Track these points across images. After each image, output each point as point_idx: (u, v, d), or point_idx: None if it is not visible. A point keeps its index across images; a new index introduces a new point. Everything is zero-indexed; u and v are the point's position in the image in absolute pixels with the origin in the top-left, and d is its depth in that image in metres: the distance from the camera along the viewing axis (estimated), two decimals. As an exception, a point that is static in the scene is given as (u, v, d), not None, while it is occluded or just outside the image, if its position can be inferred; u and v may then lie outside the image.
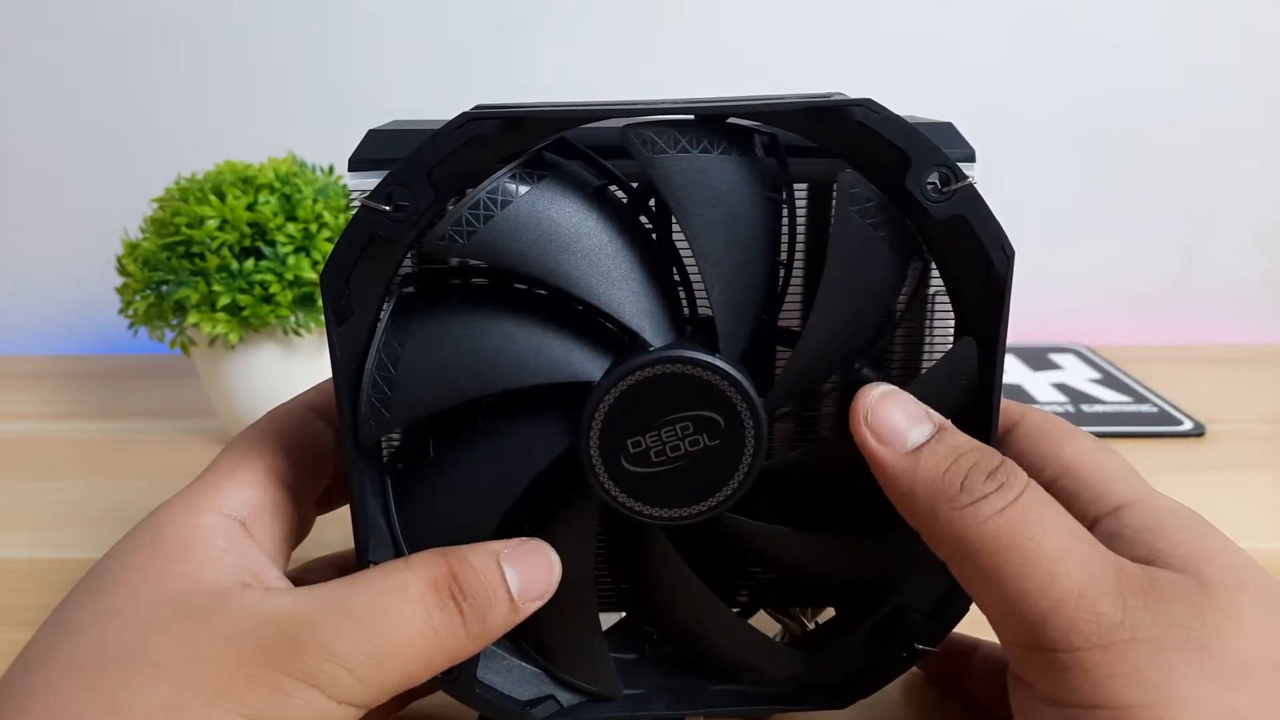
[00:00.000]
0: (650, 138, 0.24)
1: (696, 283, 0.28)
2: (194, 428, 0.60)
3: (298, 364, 0.53)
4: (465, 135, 0.23)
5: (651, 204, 0.27)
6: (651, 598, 0.29)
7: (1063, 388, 0.66)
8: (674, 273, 0.27)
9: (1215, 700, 0.21)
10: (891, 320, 0.29)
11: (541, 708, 0.29)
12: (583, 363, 0.25)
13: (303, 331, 0.51)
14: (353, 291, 0.24)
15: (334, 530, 0.32)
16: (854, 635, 0.30)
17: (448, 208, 0.25)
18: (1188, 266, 0.77)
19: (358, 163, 0.26)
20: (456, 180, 0.24)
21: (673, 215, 0.25)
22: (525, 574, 0.25)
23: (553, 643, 0.29)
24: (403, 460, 0.28)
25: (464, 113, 0.23)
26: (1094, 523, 0.26)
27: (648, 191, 0.27)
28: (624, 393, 0.24)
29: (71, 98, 0.71)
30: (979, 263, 0.25)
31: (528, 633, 0.28)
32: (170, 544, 0.25)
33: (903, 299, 0.28)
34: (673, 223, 0.27)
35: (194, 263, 0.50)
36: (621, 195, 0.27)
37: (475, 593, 0.24)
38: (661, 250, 0.27)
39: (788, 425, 0.30)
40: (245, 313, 0.50)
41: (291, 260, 0.50)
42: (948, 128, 0.27)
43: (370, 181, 0.24)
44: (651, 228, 0.27)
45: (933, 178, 0.24)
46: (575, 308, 0.26)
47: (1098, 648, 0.22)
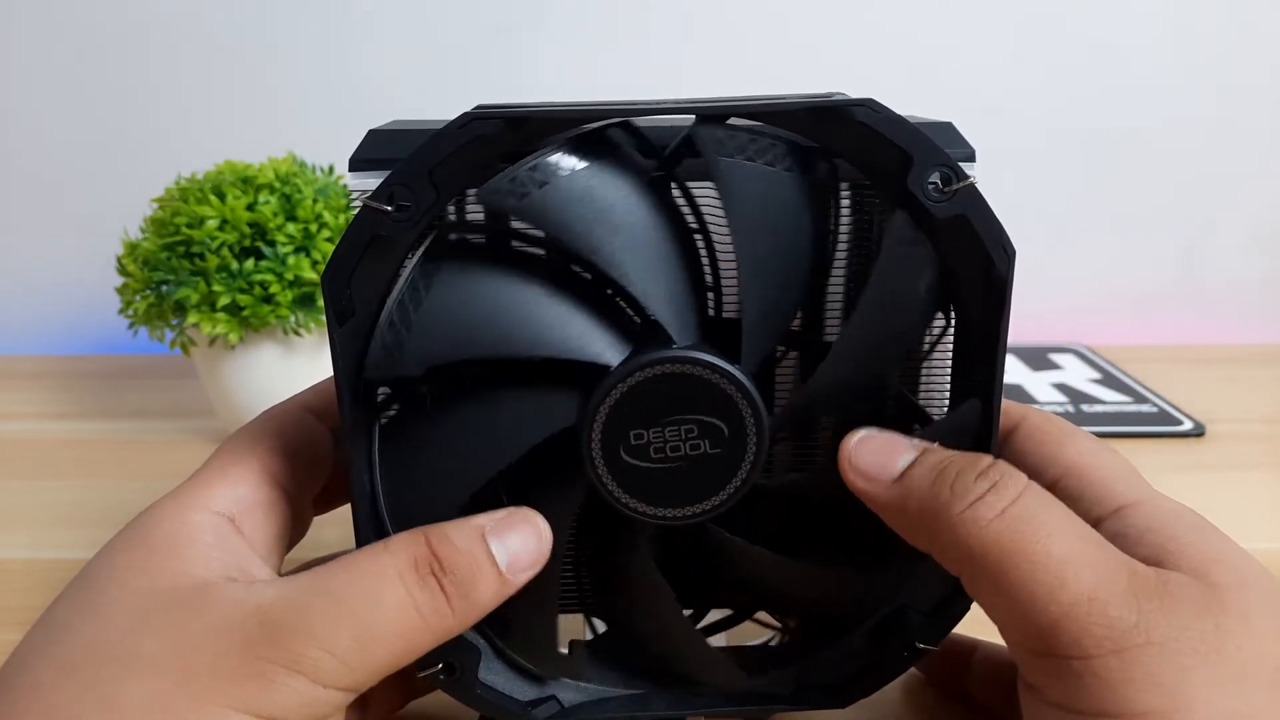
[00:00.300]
0: (721, 139, 0.24)
1: (727, 287, 0.28)
2: (194, 428, 0.60)
3: (298, 364, 0.53)
4: (467, 135, 0.23)
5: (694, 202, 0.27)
6: (616, 595, 0.29)
7: (1063, 388, 0.66)
8: (707, 274, 0.27)
9: (1228, 703, 0.21)
10: (904, 361, 0.29)
11: (543, 708, 0.29)
12: (602, 347, 0.25)
13: (303, 331, 0.51)
14: (354, 292, 0.24)
15: (333, 530, 0.32)
16: (854, 635, 0.30)
17: (449, 206, 0.25)
18: (1188, 266, 0.77)
19: (358, 163, 0.26)
20: (458, 180, 0.24)
21: (726, 220, 0.25)
22: (514, 545, 0.25)
23: (509, 617, 0.28)
24: (397, 412, 0.27)
25: (466, 113, 0.23)
26: (1097, 523, 0.26)
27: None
28: (637, 384, 0.24)
29: (71, 98, 0.71)
30: (980, 262, 0.25)
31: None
32: (157, 541, 0.25)
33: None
34: (704, 222, 0.27)
35: (194, 263, 0.50)
36: (675, 190, 0.27)
37: (457, 569, 0.24)
38: (699, 250, 0.27)
39: (784, 448, 0.30)
40: (245, 313, 0.50)
41: (291, 260, 0.50)
42: (948, 128, 0.27)
43: (371, 181, 0.24)
44: (696, 226, 0.27)
45: (934, 177, 0.24)
46: (605, 291, 0.26)
47: (1111, 653, 0.21)
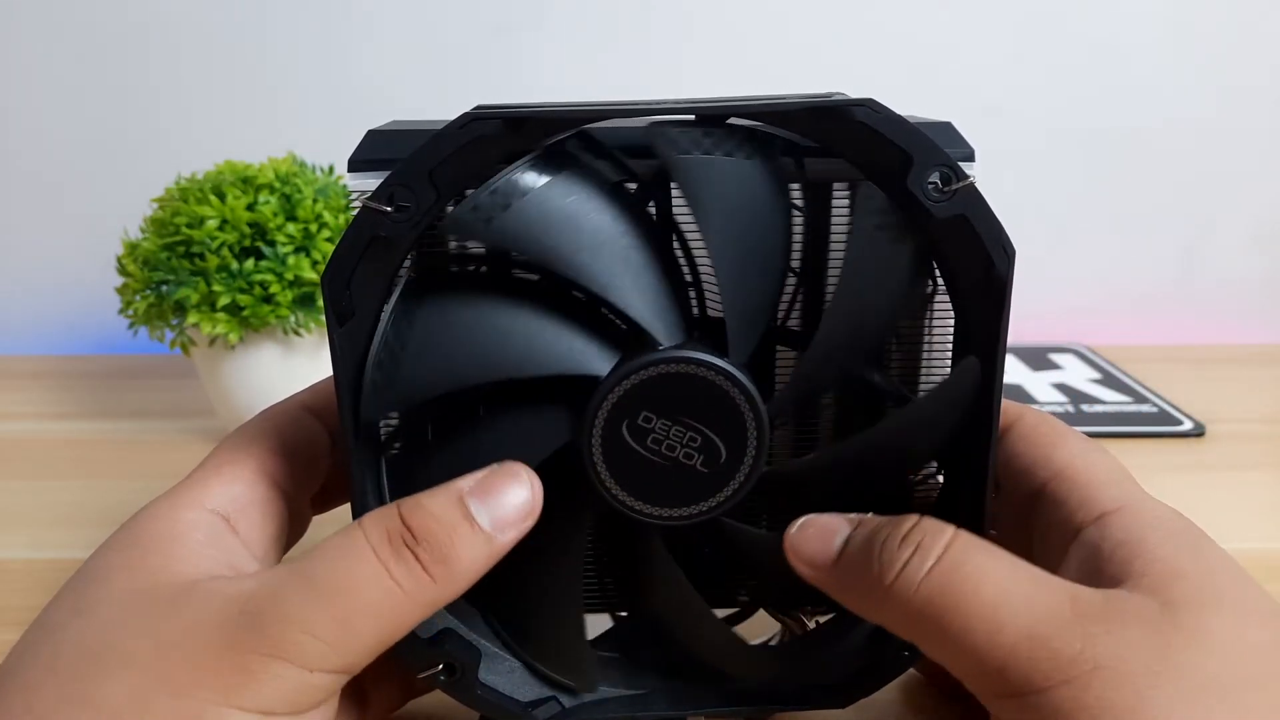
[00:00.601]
0: (674, 138, 0.24)
1: (707, 283, 0.28)
2: (194, 428, 0.60)
3: (298, 364, 0.53)
4: (467, 135, 0.23)
5: (664, 203, 0.27)
6: (640, 597, 0.29)
7: (1063, 388, 0.66)
8: (685, 272, 0.27)
9: None
10: (895, 331, 0.29)
11: (543, 709, 0.28)
12: (590, 357, 0.25)
13: (303, 331, 0.51)
14: (354, 292, 0.24)
15: (332, 530, 0.32)
16: (854, 635, 0.30)
17: (448, 208, 0.25)
18: (1188, 266, 0.77)
19: (357, 163, 0.26)
20: (458, 180, 0.24)
21: (693, 216, 0.25)
22: (496, 503, 0.24)
23: (530, 629, 0.28)
24: (401, 445, 0.28)
25: (466, 113, 0.23)
26: (1078, 530, 0.26)
27: (662, 189, 0.27)
28: (629, 390, 0.24)
29: (71, 98, 0.71)
30: (980, 262, 0.25)
31: (508, 620, 0.28)
32: (148, 540, 0.25)
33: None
34: (674, 221, 0.27)
35: (194, 263, 0.50)
36: (638, 192, 0.27)
37: (430, 537, 0.23)
38: (674, 250, 0.27)
39: (786, 432, 0.30)
40: (245, 313, 0.50)
41: (291, 260, 0.50)
42: (947, 127, 0.27)
43: (370, 182, 0.24)
44: (666, 226, 0.27)
45: (934, 177, 0.24)
46: (586, 302, 0.26)
47: (1061, 684, 0.21)
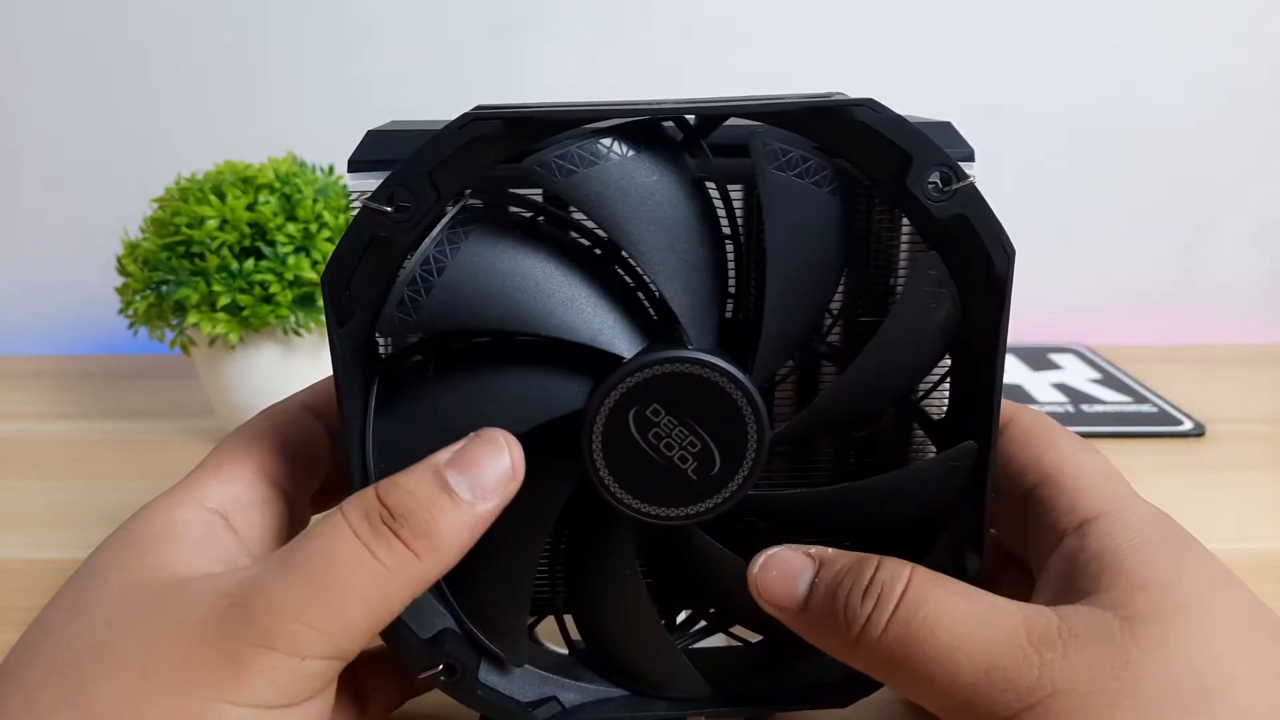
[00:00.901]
0: (775, 152, 0.24)
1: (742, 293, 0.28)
2: (194, 428, 0.60)
3: (298, 364, 0.53)
4: (467, 136, 0.23)
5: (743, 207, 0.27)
6: (593, 596, 0.29)
7: (1063, 388, 0.66)
8: (730, 279, 0.27)
9: None
10: (914, 391, 0.29)
11: (544, 709, 0.28)
12: (618, 337, 0.25)
13: (303, 331, 0.51)
14: (354, 292, 0.24)
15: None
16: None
17: (444, 210, 0.25)
18: (1188, 266, 0.77)
19: (357, 163, 0.26)
20: (458, 181, 0.24)
21: (765, 231, 0.25)
22: (476, 473, 0.24)
23: (476, 585, 0.28)
24: (399, 377, 0.27)
25: (466, 113, 0.23)
26: (1061, 538, 0.26)
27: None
28: (650, 378, 0.24)
29: (71, 98, 0.71)
30: (980, 262, 0.25)
31: (455, 572, 0.27)
32: (145, 538, 0.25)
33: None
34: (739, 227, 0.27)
35: (194, 263, 0.50)
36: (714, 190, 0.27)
37: (408, 513, 0.23)
38: (728, 255, 0.27)
39: (777, 462, 0.30)
40: (245, 313, 0.50)
41: (291, 260, 0.50)
42: (946, 127, 0.27)
43: (370, 182, 0.24)
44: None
45: (934, 177, 0.24)
46: (626, 283, 0.26)
47: (1024, 711, 0.22)
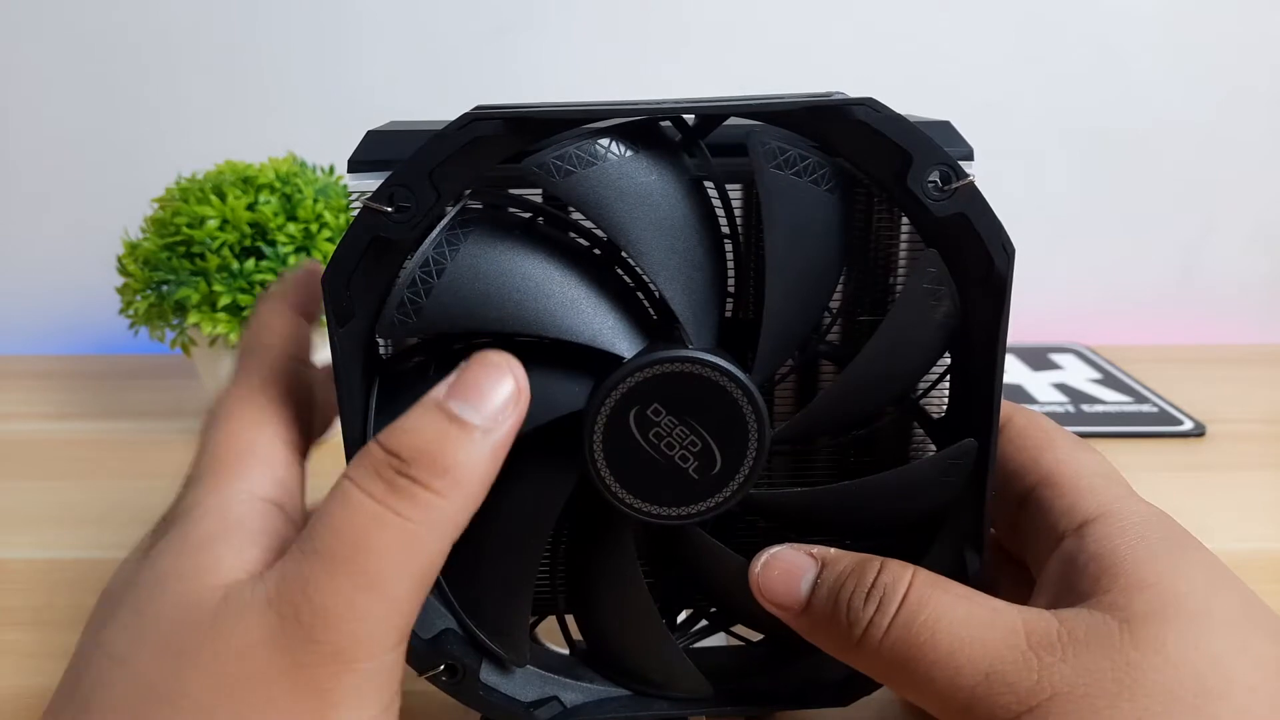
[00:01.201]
0: (773, 150, 0.24)
1: (741, 293, 0.27)
2: (194, 428, 0.59)
3: (298, 364, 0.53)
4: (468, 136, 0.23)
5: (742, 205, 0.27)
6: (594, 596, 0.29)
7: (1063, 388, 0.66)
8: (729, 278, 0.27)
9: None
10: (914, 390, 0.29)
11: (545, 709, 0.28)
12: (619, 337, 0.25)
13: (303, 332, 0.51)
14: (354, 293, 0.24)
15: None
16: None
17: (446, 209, 0.25)
18: (1188, 266, 0.77)
19: (357, 164, 0.26)
20: (458, 181, 0.24)
21: (763, 230, 0.25)
22: (480, 398, 0.23)
23: (477, 587, 0.28)
24: (397, 375, 0.27)
25: (466, 113, 0.23)
26: (1060, 539, 0.26)
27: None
28: (651, 378, 0.24)
29: (72, 98, 0.71)
30: (980, 261, 0.25)
31: (456, 574, 0.27)
32: (200, 540, 0.24)
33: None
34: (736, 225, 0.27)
35: (194, 263, 0.50)
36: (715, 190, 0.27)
37: (418, 452, 0.22)
38: (727, 254, 0.26)
39: (776, 461, 0.30)
40: (246, 313, 0.50)
41: (292, 260, 0.50)
42: (945, 126, 0.27)
43: (369, 182, 0.24)
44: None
45: (934, 176, 0.24)
46: (625, 282, 0.26)
47: (1023, 714, 0.22)
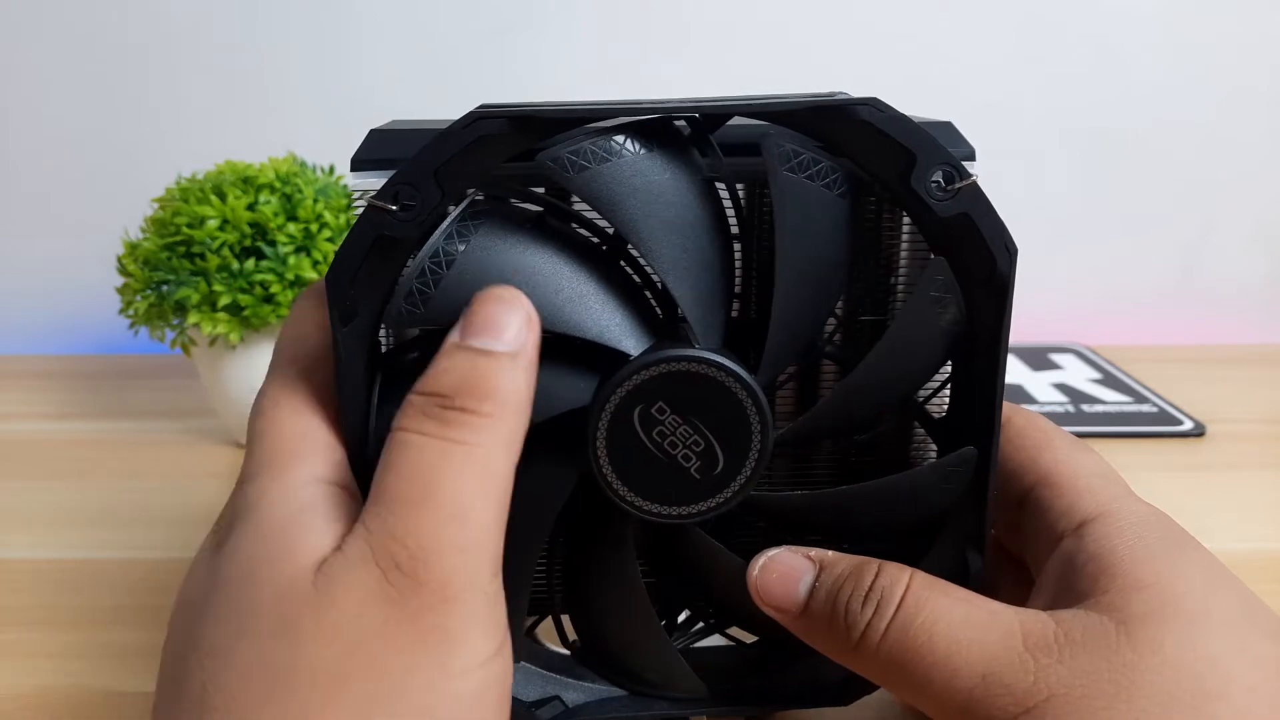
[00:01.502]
0: (788, 153, 0.24)
1: (750, 294, 0.27)
2: (194, 428, 0.60)
3: (298, 364, 0.53)
4: (472, 135, 0.23)
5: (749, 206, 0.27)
6: (591, 595, 0.29)
7: (1063, 388, 0.66)
8: (737, 279, 0.27)
9: None
10: (915, 394, 0.29)
11: (546, 709, 0.29)
12: (625, 334, 0.25)
13: (303, 331, 0.51)
14: (357, 291, 0.24)
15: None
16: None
17: (447, 208, 0.25)
18: (1188, 266, 0.77)
19: (360, 162, 0.26)
20: (462, 179, 0.24)
21: (775, 232, 0.25)
22: (496, 329, 0.23)
23: None
24: (399, 370, 0.27)
25: (471, 112, 0.23)
26: (1059, 540, 0.26)
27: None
28: (656, 376, 0.24)
29: (72, 98, 0.71)
30: (982, 261, 0.25)
31: None
32: (275, 526, 0.23)
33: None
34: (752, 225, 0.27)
35: (194, 263, 0.50)
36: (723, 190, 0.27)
37: (459, 386, 0.22)
38: (735, 255, 0.27)
39: (777, 463, 0.30)
40: (246, 313, 0.50)
41: (292, 260, 0.50)
42: (947, 127, 0.27)
43: (372, 181, 0.24)
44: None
45: (937, 176, 0.24)
46: (633, 280, 0.26)
47: (1020, 716, 0.22)
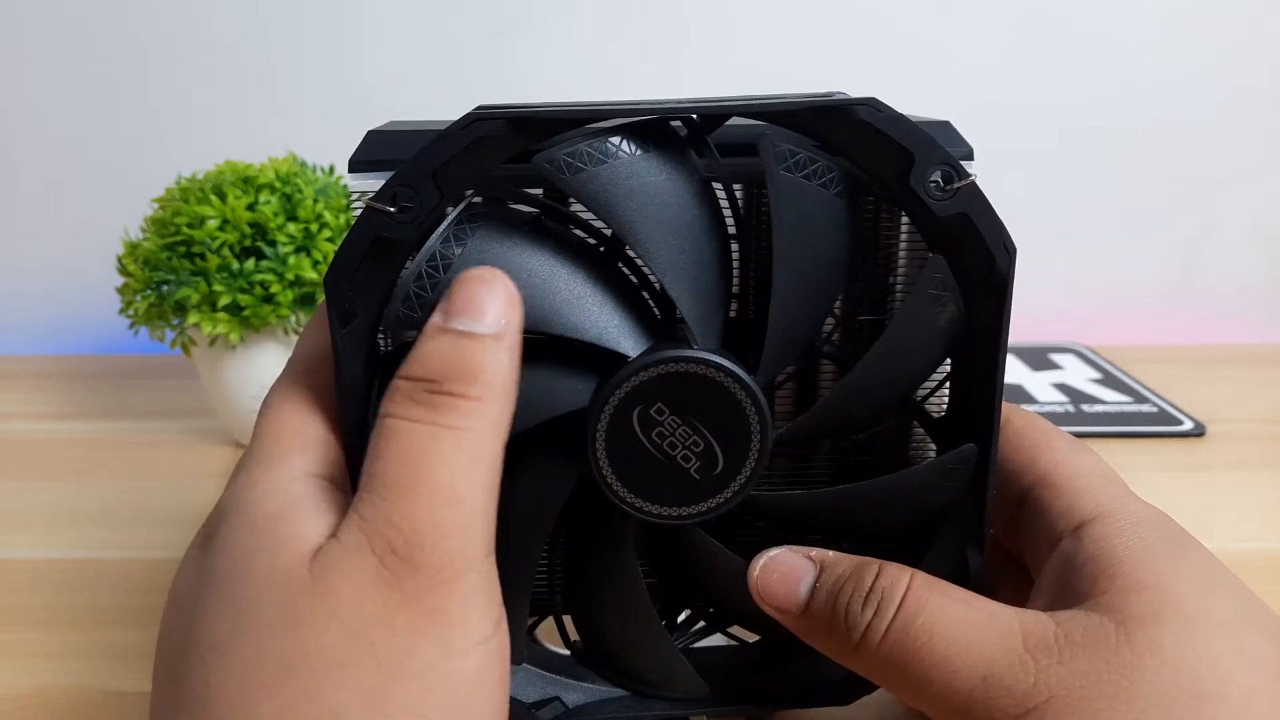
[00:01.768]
0: (784, 153, 0.24)
1: (748, 295, 0.27)
2: (194, 428, 0.60)
3: (298, 364, 0.53)
4: (470, 136, 0.23)
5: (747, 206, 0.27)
6: (593, 593, 0.29)
7: (1063, 388, 0.66)
8: (735, 279, 0.27)
9: None
10: (915, 392, 0.29)
11: (547, 709, 0.29)
12: (623, 336, 0.25)
13: (303, 331, 0.51)
14: (356, 293, 0.24)
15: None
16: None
17: (446, 210, 0.25)
18: (1188, 266, 0.77)
19: (358, 164, 0.26)
20: (461, 181, 0.24)
21: (772, 231, 0.25)
22: (477, 310, 0.23)
23: None
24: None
25: (469, 113, 0.23)
26: (1058, 540, 0.26)
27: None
28: (655, 377, 0.24)
29: (72, 98, 0.71)
30: (981, 260, 0.25)
31: None
32: (265, 518, 0.23)
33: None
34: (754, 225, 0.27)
35: (194, 263, 0.50)
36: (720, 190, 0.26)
37: (444, 369, 0.22)
38: (733, 255, 0.26)
39: (777, 463, 0.30)
40: (246, 312, 0.50)
41: (292, 260, 0.50)
42: (945, 126, 0.27)
43: (370, 183, 0.24)
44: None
45: (935, 176, 0.24)
46: (631, 281, 0.26)
47: (1020, 717, 0.22)
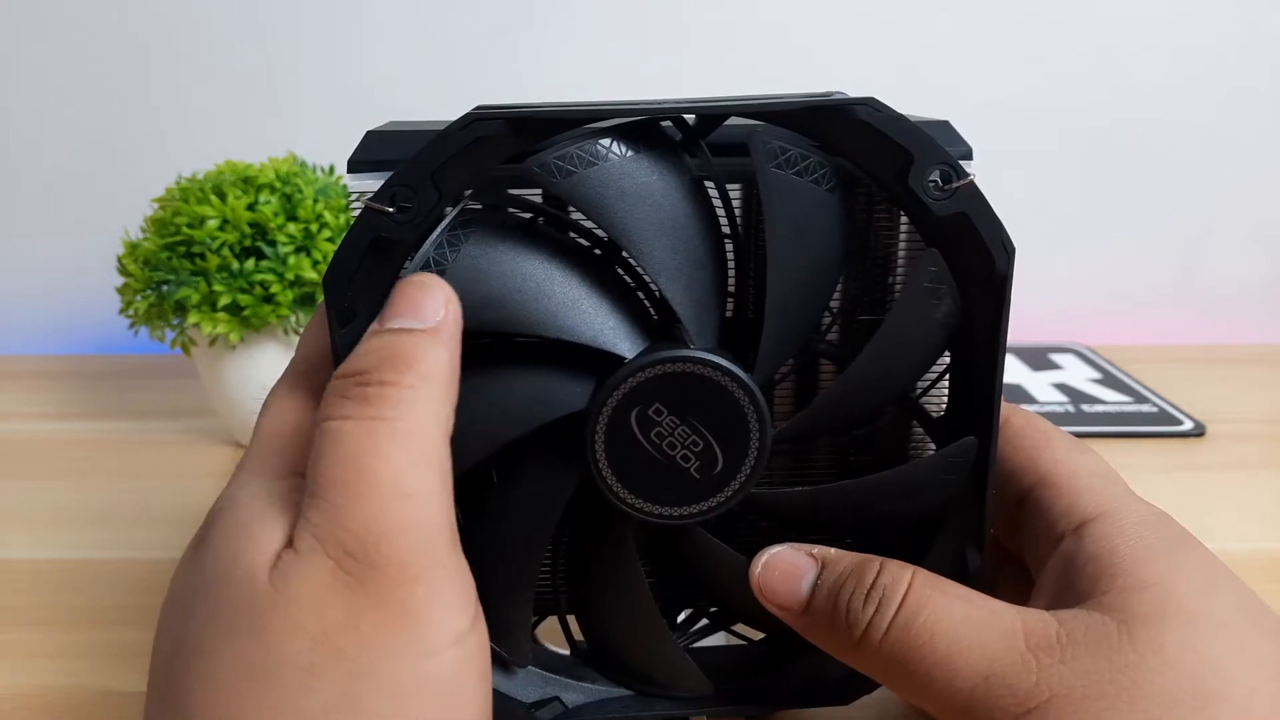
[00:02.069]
0: (774, 150, 0.24)
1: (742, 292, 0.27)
2: (194, 428, 0.60)
3: (298, 364, 0.53)
4: (469, 136, 0.23)
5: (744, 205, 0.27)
6: (595, 594, 0.29)
7: (1063, 388, 0.66)
8: (730, 278, 0.27)
9: None
10: (913, 388, 0.29)
11: (547, 709, 0.29)
12: (620, 338, 0.25)
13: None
14: (355, 293, 0.24)
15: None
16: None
17: (446, 209, 0.25)
18: (1188, 266, 0.77)
19: (357, 164, 0.26)
20: (460, 181, 0.24)
21: (765, 229, 0.25)
22: (412, 310, 0.23)
23: (481, 590, 0.27)
24: None
25: (468, 113, 0.23)
26: (1059, 540, 0.26)
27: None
28: (652, 378, 0.24)
29: (72, 98, 0.71)
30: (980, 260, 0.25)
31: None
32: (240, 522, 0.23)
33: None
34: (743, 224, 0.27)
35: (194, 263, 0.50)
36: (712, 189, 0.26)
37: (377, 363, 0.22)
38: (728, 254, 0.26)
39: (776, 460, 0.30)
40: (246, 312, 0.50)
41: (292, 260, 0.50)
42: (944, 126, 0.27)
43: (369, 183, 0.24)
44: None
45: (934, 175, 0.24)
46: (626, 282, 0.26)
47: (1022, 716, 0.22)
